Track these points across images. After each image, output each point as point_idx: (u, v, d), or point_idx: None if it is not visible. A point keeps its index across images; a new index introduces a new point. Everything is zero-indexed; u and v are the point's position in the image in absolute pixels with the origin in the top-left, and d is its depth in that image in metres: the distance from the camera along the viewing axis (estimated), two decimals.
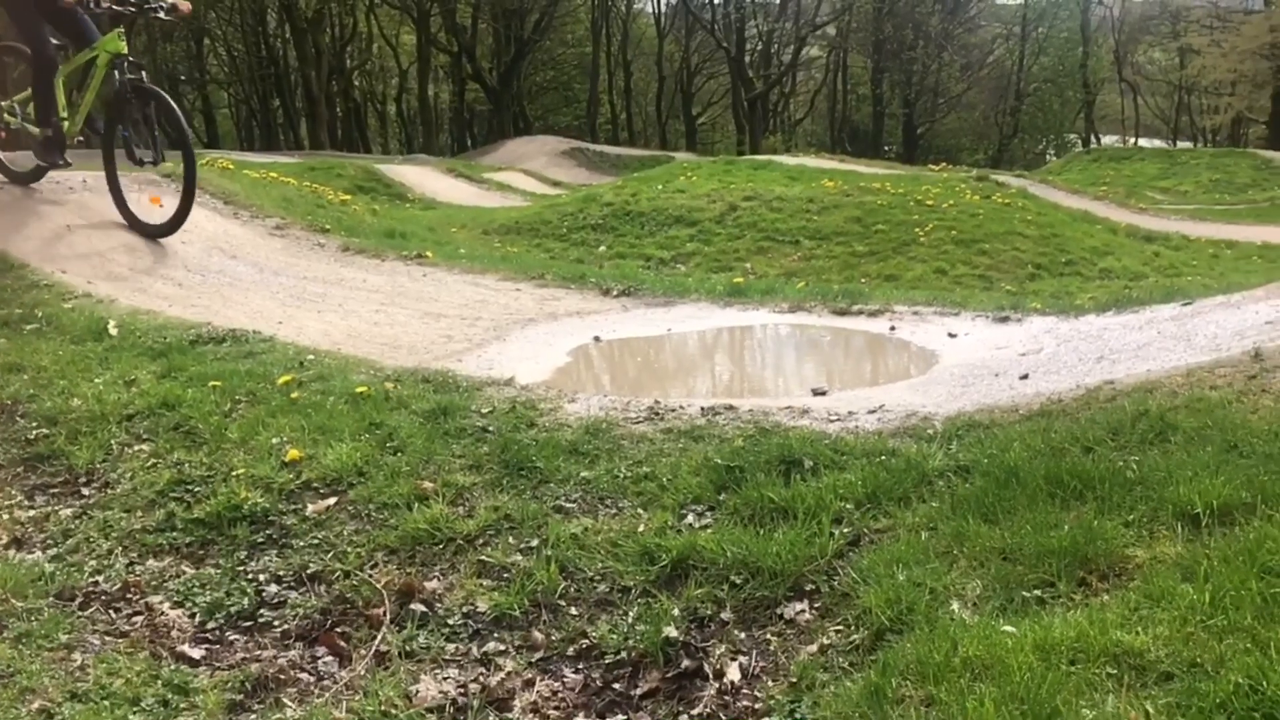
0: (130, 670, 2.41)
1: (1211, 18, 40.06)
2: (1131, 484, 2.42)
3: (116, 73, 6.14)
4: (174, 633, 2.64)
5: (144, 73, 6.25)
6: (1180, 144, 45.22)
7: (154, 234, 6.62)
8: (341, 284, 6.43)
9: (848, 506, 2.68)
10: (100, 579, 2.86)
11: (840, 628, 2.29)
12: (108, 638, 2.59)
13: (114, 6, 6.13)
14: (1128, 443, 2.67)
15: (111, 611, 2.72)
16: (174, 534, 3.04)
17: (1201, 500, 2.24)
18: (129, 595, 2.79)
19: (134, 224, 6.67)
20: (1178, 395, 2.88)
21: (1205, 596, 1.91)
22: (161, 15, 6.31)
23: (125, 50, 6.21)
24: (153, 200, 7.01)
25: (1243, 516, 2.18)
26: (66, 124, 6.56)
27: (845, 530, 2.60)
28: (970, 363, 4.43)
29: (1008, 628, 2.00)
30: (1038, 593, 2.15)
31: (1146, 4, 49.55)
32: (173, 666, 2.47)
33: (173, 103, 6.40)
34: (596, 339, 5.21)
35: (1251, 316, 3.97)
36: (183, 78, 43.05)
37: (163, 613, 2.72)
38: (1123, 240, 13.27)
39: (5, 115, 6.97)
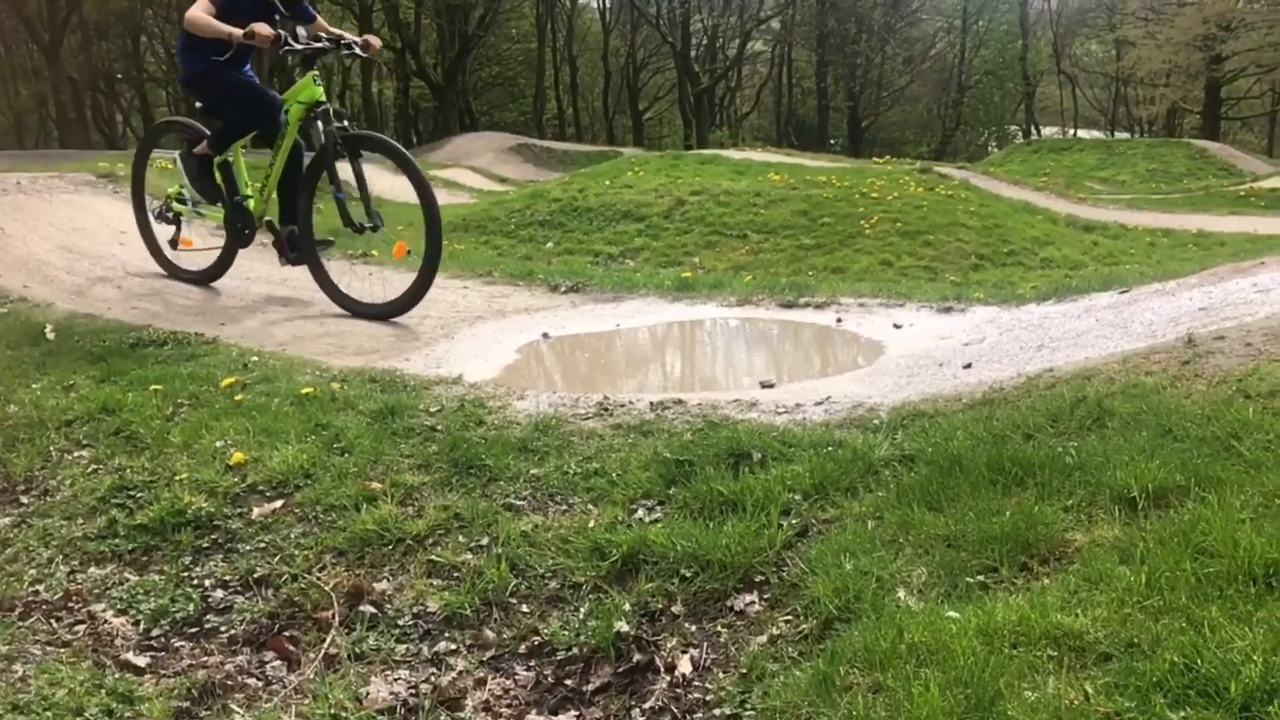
0: (73, 680, 2.36)
1: (1146, 10, 40.84)
2: (1070, 469, 2.47)
3: (319, 124, 5.31)
4: (117, 641, 2.59)
5: (347, 120, 5.40)
6: (1117, 135, 46.16)
7: (382, 314, 5.43)
8: (285, 284, 6.35)
9: (796, 498, 2.71)
10: (40, 588, 2.80)
11: (789, 618, 2.31)
12: (49, 648, 2.54)
13: (312, 44, 5.36)
14: (1066, 429, 2.72)
15: (53, 621, 2.67)
16: (116, 541, 2.99)
17: (1138, 484, 2.29)
18: (70, 604, 2.74)
19: (351, 306, 5.56)
20: (1114, 382, 2.95)
21: (1142, 578, 1.96)
22: (357, 52, 5.50)
23: (323, 97, 5.39)
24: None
25: (1177, 499, 2.23)
26: (252, 201, 5.87)
27: (793, 521, 2.62)
28: (915, 353, 4.48)
29: (952, 613, 2.03)
30: (981, 578, 2.19)
31: None
32: (117, 675, 2.42)
33: (399, 146, 5.58)
34: (545, 336, 5.20)
35: (1185, 303, 4.06)
36: (119, 76, 42.20)
37: (106, 621, 2.67)
38: (1063, 230, 13.51)
39: (173, 204, 6.22)
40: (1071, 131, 49.10)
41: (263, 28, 5.16)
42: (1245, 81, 40.51)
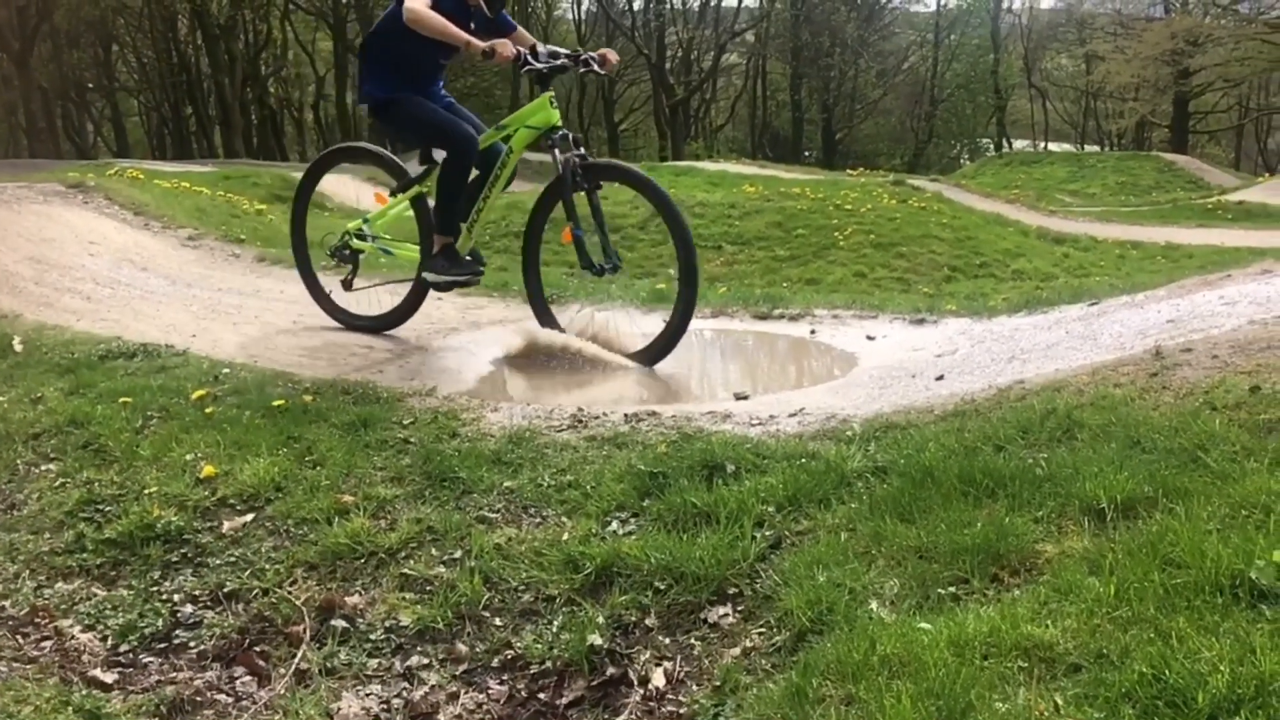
0: (39, 697, 2.33)
1: (1115, 25, 41.39)
2: (1040, 481, 2.49)
3: (556, 152, 4.69)
4: (85, 657, 2.56)
5: (583, 148, 4.76)
6: (1087, 148, 46.64)
7: (633, 363, 4.75)
8: (258, 295, 6.31)
9: (769, 510, 2.71)
10: (7, 603, 2.77)
11: (763, 630, 2.31)
12: (15, 664, 2.51)
13: (552, 62, 4.81)
14: (1037, 440, 2.74)
15: (19, 637, 2.63)
16: (84, 555, 2.96)
17: (1106, 495, 2.31)
18: (37, 619, 2.71)
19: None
20: (1084, 393, 2.97)
21: (1111, 589, 1.97)
22: (595, 69, 4.95)
23: (559, 121, 4.78)
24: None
25: (1145, 510, 2.25)
26: (461, 238, 5.14)
27: (767, 533, 2.63)
28: (888, 365, 4.51)
29: (924, 625, 2.04)
30: (953, 589, 2.20)
31: (1054, 12, 51.01)
32: (84, 692, 2.40)
33: (647, 176, 4.83)
34: None
35: (1154, 315, 4.11)
36: (90, 85, 41.88)
37: (73, 637, 2.64)
38: (1034, 242, 13.65)
39: (352, 241, 5.53)
40: (1042, 144, 49.64)
41: (506, 46, 4.57)
42: (1212, 96, 41.12)
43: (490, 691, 2.38)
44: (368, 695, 2.37)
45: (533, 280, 5.20)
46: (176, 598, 2.76)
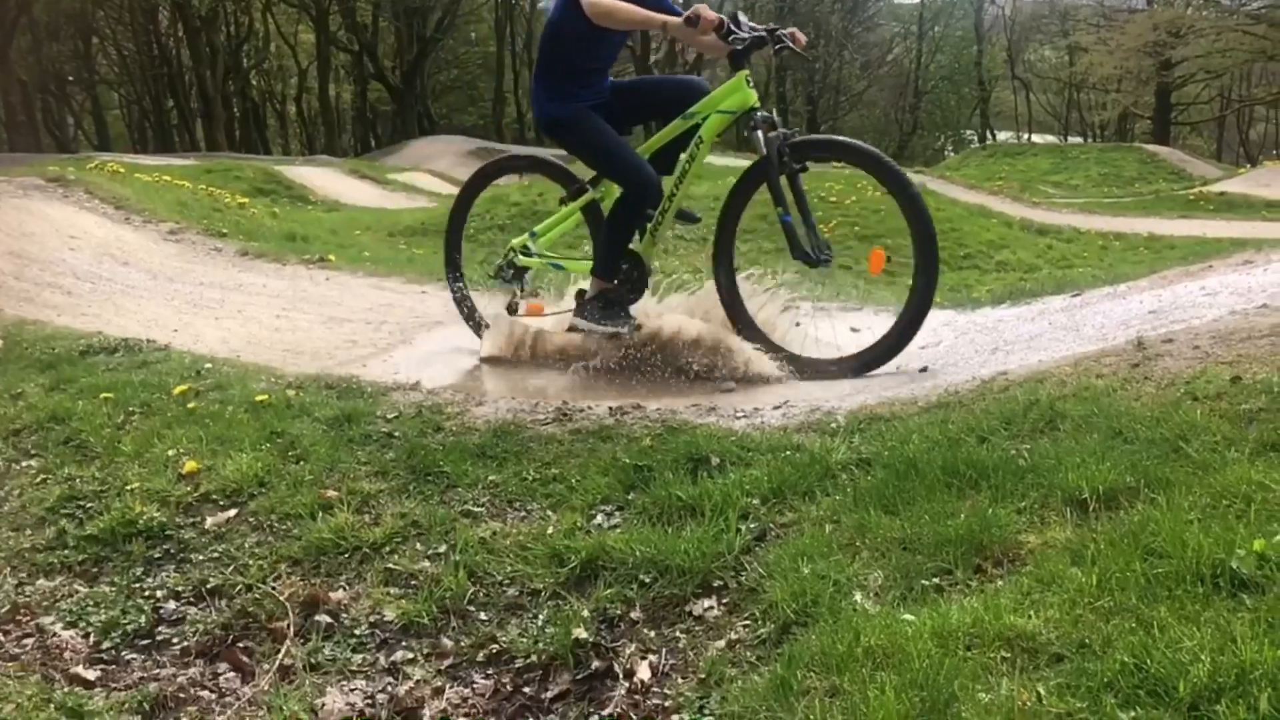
0: (21, 695, 2.31)
1: (1098, 16, 41.54)
2: (1023, 472, 2.49)
3: (759, 133, 4.12)
4: (67, 654, 2.55)
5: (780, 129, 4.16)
6: (1071, 139, 46.87)
7: (843, 372, 4.18)
8: (240, 289, 6.28)
9: (754, 502, 2.71)
10: None
11: (748, 623, 2.31)
12: None
13: (754, 33, 4.20)
14: (1020, 432, 2.75)
15: (0, 635, 2.61)
16: (66, 552, 2.94)
17: (1089, 486, 2.32)
18: (19, 617, 2.69)
19: (801, 364, 4.29)
20: (1066, 384, 2.98)
21: (1093, 579, 1.98)
22: (788, 44, 4.30)
23: (758, 101, 4.20)
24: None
25: (1127, 500, 2.26)
26: (643, 245, 4.51)
27: (752, 526, 2.63)
28: None
29: (907, 616, 2.05)
30: (936, 581, 2.20)
31: (1037, 3, 51.15)
32: (66, 689, 2.38)
33: (870, 149, 4.37)
34: None
35: (1136, 306, 4.13)
36: (71, 78, 41.57)
37: (55, 634, 2.62)
38: (1018, 233, 13.68)
39: (518, 257, 4.93)
40: (1026, 136, 49.84)
41: (708, 11, 3.99)
42: (1194, 87, 41.36)
43: (475, 686, 2.37)
44: (352, 691, 2.37)
45: (726, 280, 4.51)
46: (159, 594, 2.74)
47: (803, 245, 4.13)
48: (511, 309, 4.91)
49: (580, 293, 4.58)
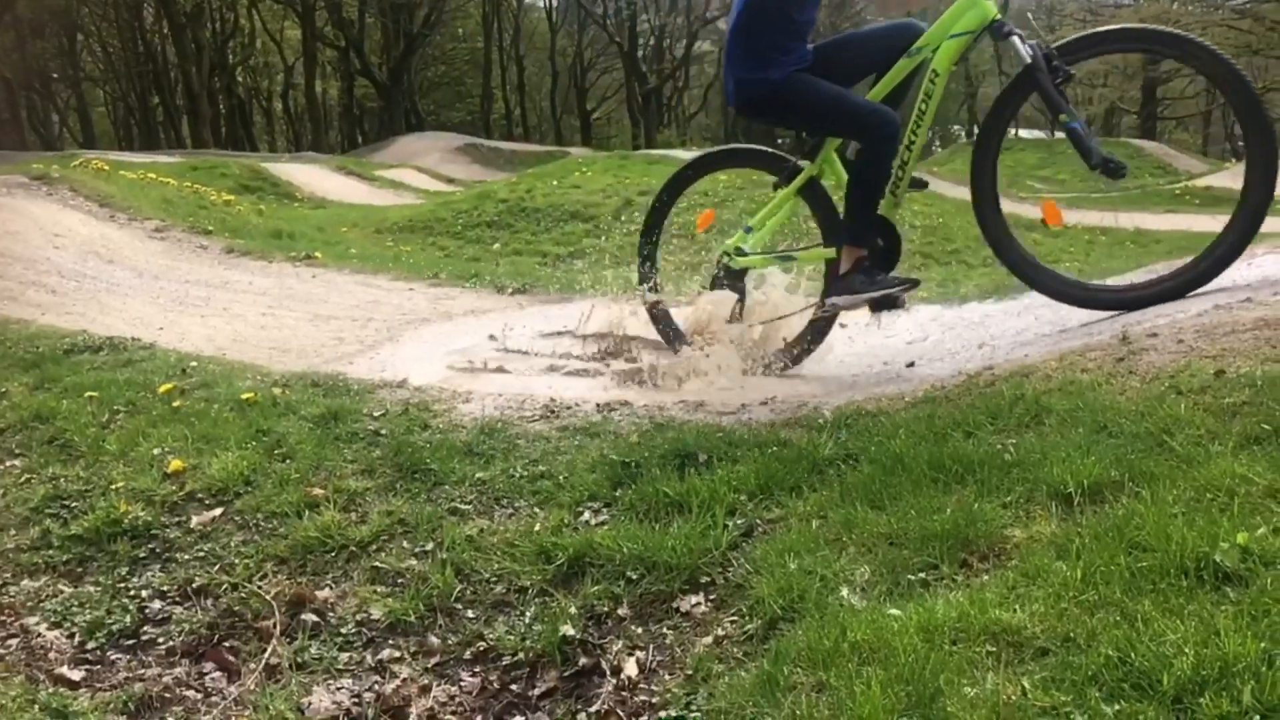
0: (5, 695, 2.30)
1: (1085, 11, 41.58)
2: (1009, 466, 2.50)
3: (1015, 39, 3.73)
4: (52, 654, 2.53)
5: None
6: (1058, 135, 46.89)
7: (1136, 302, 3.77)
8: (226, 287, 6.25)
9: (741, 498, 2.72)
10: None
11: (735, 618, 2.32)
12: None
13: None
14: (1005, 426, 2.76)
15: None
16: (50, 552, 2.92)
17: (1074, 480, 2.33)
18: (3, 618, 2.67)
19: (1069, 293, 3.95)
20: (1052, 379, 2.99)
21: (1078, 573, 1.99)
22: None
23: (997, 11, 3.83)
24: (1051, 217, 4.35)
25: (1112, 494, 2.27)
26: (884, 207, 4.09)
27: (739, 521, 2.63)
28: (860, 351, 4.53)
29: (894, 611, 2.05)
30: (922, 575, 2.21)
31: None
32: (51, 690, 2.37)
33: (1159, 28, 3.88)
34: (492, 338, 5.17)
35: None
36: (55, 75, 41.33)
37: (39, 634, 2.61)
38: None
39: (734, 260, 4.42)
40: (1013, 131, 49.87)
41: None
42: (1180, 82, 41.45)
43: (462, 684, 2.37)
44: (339, 689, 2.36)
45: (995, 219, 4.04)
46: (145, 594, 2.73)
47: (1100, 152, 3.66)
48: (734, 318, 4.42)
49: (831, 269, 4.23)
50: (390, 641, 2.50)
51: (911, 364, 4.04)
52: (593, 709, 2.22)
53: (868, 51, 4.15)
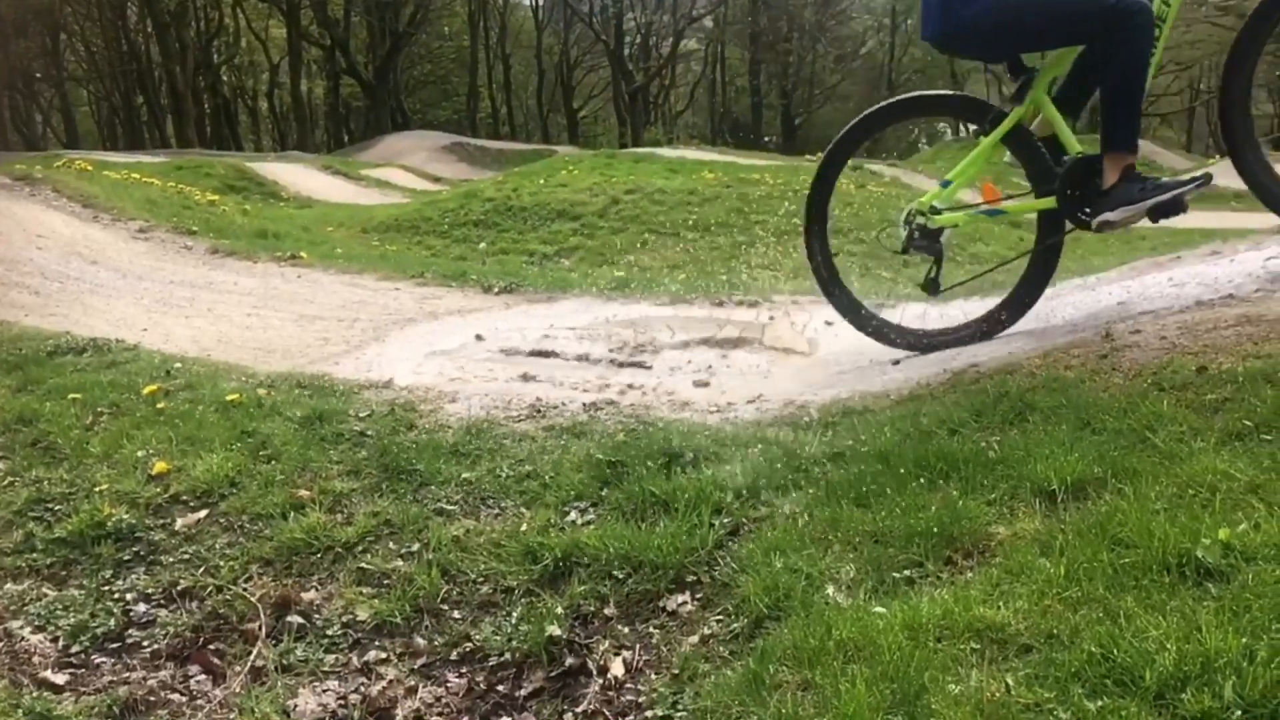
0: None
1: None
2: (993, 463, 2.51)
3: None
4: (35, 659, 2.52)
5: None
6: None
7: None
8: (211, 287, 6.23)
9: (727, 497, 2.72)
10: None
11: (721, 617, 2.32)
12: None
13: None
14: (990, 423, 2.77)
15: None
16: (33, 555, 2.90)
17: (1057, 477, 2.34)
18: None
19: None
20: (1036, 376, 3.01)
21: (1061, 570, 2.00)
22: None
23: None
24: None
25: (1095, 491, 2.28)
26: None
27: (725, 521, 2.64)
28: (845, 350, 4.53)
29: (879, 609, 2.06)
30: (907, 573, 2.21)
31: None
32: (35, 694, 2.35)
33: None
34: (478, 337, 5.16)
35: (1105, 298, 4.17)
36: (38, 75, 41.08)
37: (23, 638, 2.59)
38: (990, 226, 13.75)
39: (929, 220, 4.05)
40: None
41: None
42: (1164, 78, 41.60)
43: (449, 684, 2.37)
44: (325, 691, 2.35)
45: (1244, 139, 3.77)
46: (129, 596, 2.72)
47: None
48: (930, 287, 4.06)
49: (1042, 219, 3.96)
50: (376, 643, 2.50)
51: (896, 362, 4.05)
52: (579, 709, 2.22)
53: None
